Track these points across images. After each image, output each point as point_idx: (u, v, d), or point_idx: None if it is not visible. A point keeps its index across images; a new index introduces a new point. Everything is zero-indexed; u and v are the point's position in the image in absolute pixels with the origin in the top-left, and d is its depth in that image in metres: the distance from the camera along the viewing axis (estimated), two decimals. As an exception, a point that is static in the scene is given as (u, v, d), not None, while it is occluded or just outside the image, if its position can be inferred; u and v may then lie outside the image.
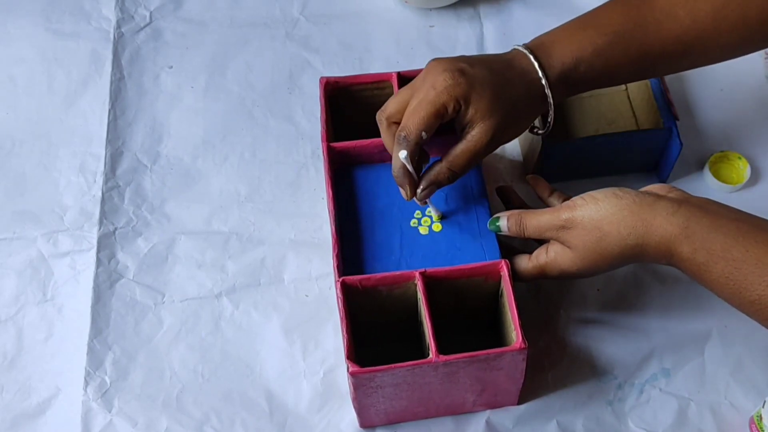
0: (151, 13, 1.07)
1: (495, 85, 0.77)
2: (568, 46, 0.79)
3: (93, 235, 0.91)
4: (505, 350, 0.73)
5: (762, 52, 1.00)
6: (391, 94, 0.85)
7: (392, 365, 0.72)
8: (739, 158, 0.94)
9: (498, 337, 0.80)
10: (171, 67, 1.03)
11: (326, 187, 0.83)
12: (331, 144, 0.84)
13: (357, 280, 0.77)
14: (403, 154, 0.76)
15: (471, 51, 1.04)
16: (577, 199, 0.75)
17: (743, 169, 0.93)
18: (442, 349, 0.73)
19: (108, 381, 0.84)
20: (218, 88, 1.02)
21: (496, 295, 0.79)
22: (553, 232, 0.75)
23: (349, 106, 0.89)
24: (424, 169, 0.80)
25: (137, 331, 0.86)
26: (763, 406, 0.78)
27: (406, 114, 0.77)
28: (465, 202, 0.84)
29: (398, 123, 0.79)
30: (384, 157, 0.85)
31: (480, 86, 0.76)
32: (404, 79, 0.85)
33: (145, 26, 1.06)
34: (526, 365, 0.75)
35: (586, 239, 0.73)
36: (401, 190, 0.80)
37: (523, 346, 0.73)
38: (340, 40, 1.05)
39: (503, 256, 0.80)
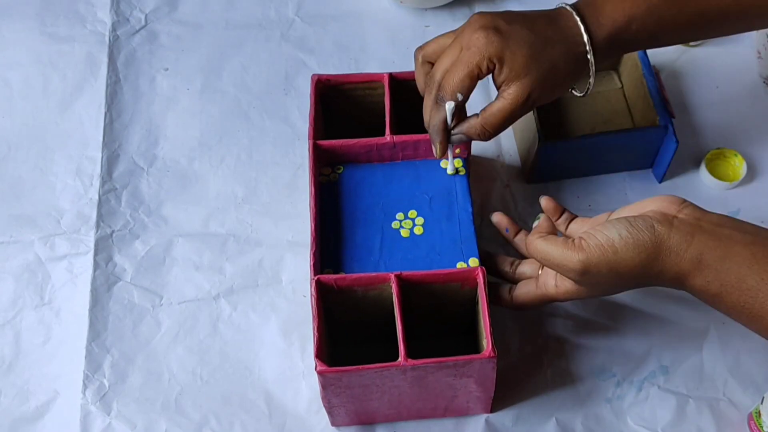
0: (146, 15, 1.07)
1: (532, 44, 0.74)
2: (620, 3, 0.75)
3: (90, 239, 0.91)
4: (473, 358, 0.71)
5: (755, 51, 1.00)
6: (382, 94, 0.85)
7: (360, 366, 0.71)
8: (736, 155, 0.94)
9: (475, 344, 0.80)
10: (167, 69, 1.03)
11: (309, 185, 0.82)
12: (318, 141, 0.83)
13: (332, 279, 0.76)
14: (450, 105, 0.75)
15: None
16: (591, 242, 0.69)
17: (739, 166, 0.94)
18: (418, 353, 0.71)
19: (106, 384, 0.84)
20: (214, 90, 1.02)
21: (474, 302, 0.78)
22: (563, 270, 0.71)
23: (342, 106, 0.88)
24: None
25: (135, 333, 0.86)
26: (761, 403, 0.78)
27: (441, 73, 0.76)
28: (449, 208, 0.83)
29: (431, 63, 0.78)
30: (371, 157, 0.85)
31: (515, 44, 0.73)
32: (396, 80, 0.85)
33: (140, 29, 1.06)
34: (496, 374, 0.74)
35: (601, 280, 0.71)
36: (433, 146, 0.79)
37: (492, 354, 0.71)
38: (336, 41, 1.05)
39: (483, 263, 0.79)
